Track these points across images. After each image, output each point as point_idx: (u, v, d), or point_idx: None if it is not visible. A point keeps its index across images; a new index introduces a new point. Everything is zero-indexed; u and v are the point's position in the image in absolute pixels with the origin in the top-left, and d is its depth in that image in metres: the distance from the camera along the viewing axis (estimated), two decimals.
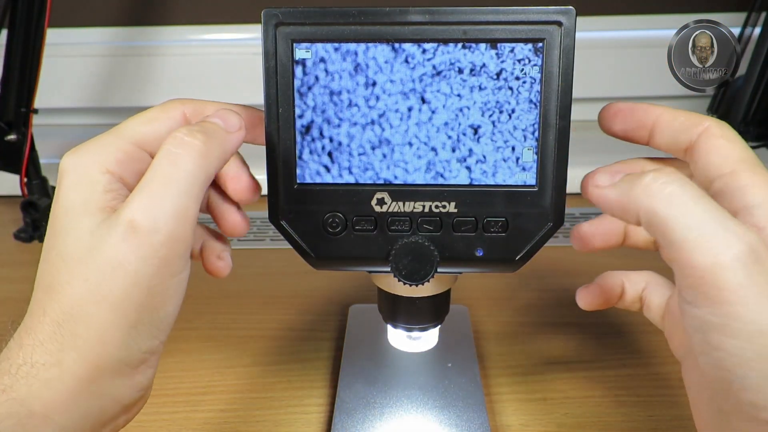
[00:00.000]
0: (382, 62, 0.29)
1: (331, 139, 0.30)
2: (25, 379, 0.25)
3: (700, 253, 0.22)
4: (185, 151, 0.26)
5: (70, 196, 0.27)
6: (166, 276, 0.26)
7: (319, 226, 0.31)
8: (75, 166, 0.28)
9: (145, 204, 0.26)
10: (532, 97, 0.30)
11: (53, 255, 0.27)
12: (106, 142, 0.28)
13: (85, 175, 0.27)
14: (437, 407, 0.39)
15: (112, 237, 0.26)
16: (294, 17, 0.29)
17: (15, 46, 0.60)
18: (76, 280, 0.26)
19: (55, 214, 0.28)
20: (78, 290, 0.26)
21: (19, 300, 0.53)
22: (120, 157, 0.28)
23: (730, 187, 0.26)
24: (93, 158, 0.28)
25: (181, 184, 0.26)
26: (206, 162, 0.27)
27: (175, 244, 0.26)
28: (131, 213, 0.26)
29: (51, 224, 0.28)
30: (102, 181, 0.27)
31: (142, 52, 0.84)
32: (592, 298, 0.33)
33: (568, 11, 0.29)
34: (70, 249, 0.26)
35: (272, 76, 0.30)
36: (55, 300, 0.26)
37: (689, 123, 0.28)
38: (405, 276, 0.30)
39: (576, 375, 0.43)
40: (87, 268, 0.26)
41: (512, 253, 0.31)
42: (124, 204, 0.26)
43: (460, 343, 0.44)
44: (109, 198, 0.27)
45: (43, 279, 0.27)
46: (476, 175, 0.30)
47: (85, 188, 0.27)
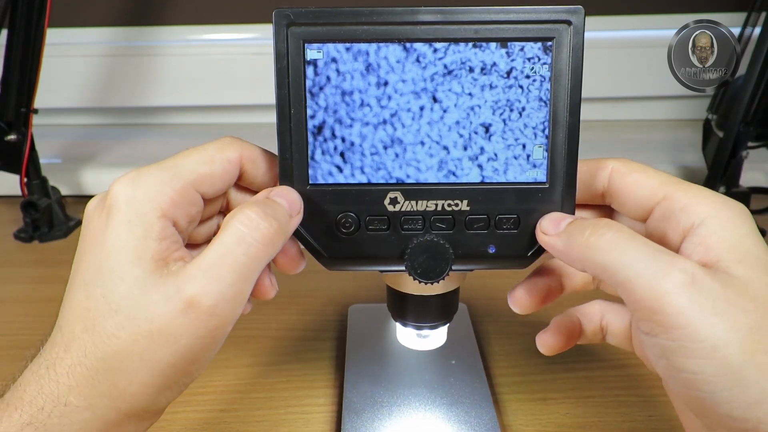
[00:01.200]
0: (394, 62, 0.29)
1: (343, 139, 0.30)
2: (58, 419, 0.26)
3: (643, 288, 0.24)
4: (256, 237, 0.27)
5: (122, 236, 0.27)
6: (211, 350, 0.28)
7: (331, 226, 0.31)
8: (130, 202, 0.28)
9: (211, 288, 0.26)
10: (542, 95, 0.30)
11: (98, 294, 0.27)
12: (163, 179, 0.28)
13: (140, 215, 0.27)
14: (445, 404, 0.39)
15: (170, 309, 0.26)
16: (305, 17, 0.29)
17: (15, 46, 0.60)
18: (125, 336, 0.26)
19: (103, 248, 0.27)
20: (125, 347, 0.26)
21: (20, 300, 0.53)
22: (175, 199, 0.28)
23: (670, 210, 0.27)
24: (149, 196, 0.28)
25: (246, 272, 0.27)
26: (272, 250, 0.28)
27: (227, 325, 0.27)
28: (193, 291, 0.26)
29: (97, 259, 0.27)
30: (157, 227, 0.27)
31: (142, 52, 0.84)
32: (553, 342, 0.33)
33: (577, 10, 0.29)
34: (118, 298, 0.26)
35: (284, 76, 0.30)
36: (99, 347, 0.26)
37: (593, 169, 0.30)
38: (420, 274, 0.30)
39: (576, 375, 0.43)
40: (138, 329, 0.26)
41: (524, 249, 0.31)
42: (186, 274, 0.26)
43: (462, 340, 0.45)
44: (163, 248, 0.27)
45: (85, 316, 0.27)
46: (488, 173, 0.30)
47: (139, 231, 0.27)
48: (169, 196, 0.28)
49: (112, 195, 0.28)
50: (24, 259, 0.62)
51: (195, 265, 0.27)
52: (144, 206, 0.27)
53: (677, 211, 0.27)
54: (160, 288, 0.26)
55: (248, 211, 0.27)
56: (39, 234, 0.65)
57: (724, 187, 0.63)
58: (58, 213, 0.67)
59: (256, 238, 0.27)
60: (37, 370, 0.27)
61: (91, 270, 0.27)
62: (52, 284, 0.57)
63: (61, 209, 0.68)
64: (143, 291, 0.26)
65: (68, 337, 0.27)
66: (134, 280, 0.26)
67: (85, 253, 0.28)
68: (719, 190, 0.64)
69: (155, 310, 0.26)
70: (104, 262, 0.27)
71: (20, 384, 0.28)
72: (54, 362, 0.27)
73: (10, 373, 0.45)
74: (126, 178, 0.28)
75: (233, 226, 0.27)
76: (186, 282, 0.26)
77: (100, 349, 0.26)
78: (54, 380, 0.27)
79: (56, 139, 0.84)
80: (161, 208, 0.28)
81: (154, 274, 0.27)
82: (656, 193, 0.28)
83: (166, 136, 0.88)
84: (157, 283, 0.26)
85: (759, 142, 0.63)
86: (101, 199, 0.29)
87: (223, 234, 0.27)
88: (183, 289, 0.26)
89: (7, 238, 0.65)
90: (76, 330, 0.27)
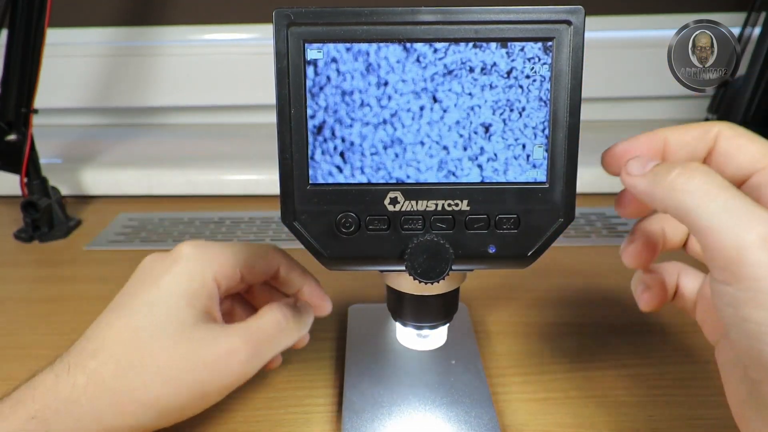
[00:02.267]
0: (394, 62, 0.29)
1: (343, 139, 0.30)
2: (64, 416, 0.31)
3: (726, 237, 0.24)
4: (287, 334, 0.36)
5: (182, 283, 0.34)
6: (216, 397, 0.35)
7: (332, 226, 0.31)
8: (196, 258, 0.35)
9: (246, 349, 0.34)
10: (542, 95, 0.30)
11: (149, 321, 0.32)
12: (225, 254, 0.36)
13: (200, 272, 0.34)
14: (445, 404, 0.39)
15: (209, 351, 0.32)
16: (306, 17, 0.29)
17: (15, 46, 0.60)
18: (164, 357, 0.32)
19: (160, 288, 0.33)
20: (160, 364, 0.32)
21: (20, 300, 0.53)
22: (227, 273, 0.36)
23: (767, 181, 0.28)
24: (210, 262, 0.35)
25: (271, 352, 0.36)
26: (293, 342, 0.38)
27: (239, 382, 0.34)
28: (233, 345, 0.33)
29: (151, 295, 0.33)
30: (210, 286, 0.35)
31: (142, 52, 0.84)
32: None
33: (577, 10, 0.29)
34: (171, 329, 0.32)
35: (284, 76, 0.30)
36: (134, 357, 0.32)
37: (700, 132, 0.30)
38: (420, 274, 0.30)
39: (576, 375, 0.43)
40: (177, 354, 0.32)
41: (524, 249, 0.31)
42: (230, 331, 0.34)
43: (462, 340, 0.45)
44: (209, 303, 0.34)
45: (130, 336, 0.32)
46: (488, 173, 0.30)
47: (196, 284, 0.34)
48: (224, 268, 0.35)
49: (180, 251, 0.35)
50: (24, 259, 0.62)
51: (239, 327, 0.34)
52: (205, 268, 0.35)
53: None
54: (205, 332, 0.33)
55: (288, 312, 0.37)
56: (39, 234, 0.65)
57: None
58: (58, 213, 0.67)
59: (287, 334, 0.36)
60: (54, 371, 0.32)
61: (144, 302, 0.33)
62: (52, 284, 0.57)
63: (62, 209, 0.67)
64: (192, 328, 0.32)
65: (98, 346, 0.32)
66: (186, 316, 0.33)
67: (138, 288, 0.34)
68: None
69: (197, 347, 0.32)
70: (160, 298, 0.33)
71: (32, 383, 0.31)
72: (77, 364, 0.31)
73: (10, 373, 0.45)
74: (194, 243, 0.36)
75: (275, 317, 0.36)
76: (229, 336, 0.33)
77: (136, 358, 0.31)
78: (71, 383, 0.31)
79: (56, 139, 0.84)
80: (216, 275, 0.35)
81: (201, 320, 0.33)
82: (759, 161, 0.28)
83: (166, 136, 0.88)
84: (202, 327, 0.33)
85: None
86: (165, 253, 0.36)
87: (264, 317, 0.35)
88: (224, 341, 0.33)
89: (7, 238, 0.65)
90: (112, 344, 0.32)
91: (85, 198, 0.75)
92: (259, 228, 0.67)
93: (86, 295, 0.54)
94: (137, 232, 0.66)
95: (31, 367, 0.41)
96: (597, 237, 0.64)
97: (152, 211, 0.71)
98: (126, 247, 0.63)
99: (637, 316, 0.49)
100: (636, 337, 0.47)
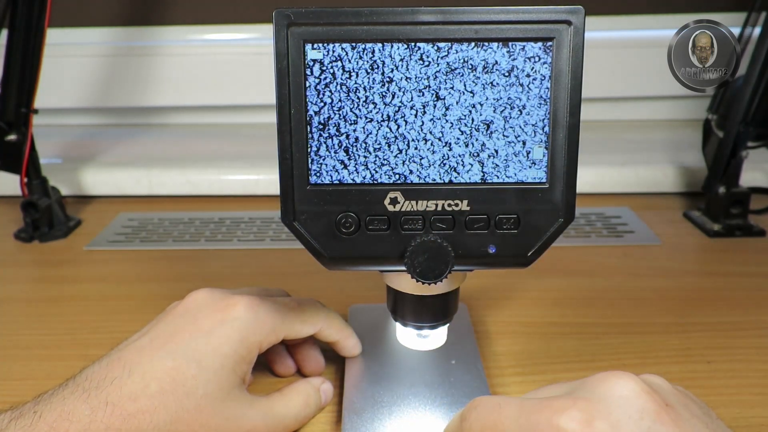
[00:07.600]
0: (398, 60, 0.30)
1: (343, 138, 0.30)
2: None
3: None
4: (309, 413, 0.38)
5: (233, 342, 0.34)
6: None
7: (332, 226, 0.31)
8: (249, 321, 0.35)
9: (270, 427, 0.36)
10: (542, 93, 0.30)
11: (190, 374, 0.33)
12: (274, 323, 0.37)
13: (249, 339, 0.35)
14: (445, 404, 0.39)
15: (236, 422, 0.34)
16: (306, 17, 0.29)
17: (15, 46, 0.60)
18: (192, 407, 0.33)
19: (209, 341, 0.34)
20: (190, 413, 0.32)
21: (20, 300, 0.53)
22: (273, 340, 0.37)
23: None
24: (262, 329, 0.36)
25: (294, 426, 0.37)
26: (312, 416, 0.39)
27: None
28: (258, 423, 0.35)
29: (198, 344, 0.34)
30: (254, 355, 0.36)
31: (142, 52, 0.84)
32: None
33: (577, 10, 0.29)
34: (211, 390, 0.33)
35: (284, 76, 0.30)
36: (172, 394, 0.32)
37: None
38: (420, 274, 0.30)
39: (576, 375, 0.43)
40: (206, 408, 0.33)
41: (524, 249, 0.31)
42: (260, 406, 0.35)
43: (462, 339, 0.44)
44: (246, 370, 0.36)
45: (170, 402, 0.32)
46: (489, 170, 0.31)
47: (245, 349, 0.35)
48: (270, 338, 0.36)
49: (235, 310, 0.35)
50: (24, 259, 0.62)
51: (264, 405, 0.36)
52: (256, 335, 0.35)
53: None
54: (237, 404, 0.34)
55: (312, 396, 0.38)
56: (39, 234, 0.65)
57: (724, 187, 0.63)
58: (58, 213, 0.67)
59: (305, 415, 0.38)
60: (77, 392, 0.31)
61: (193, 351, 0.34)
62: (52, 284, 0.57)
63: (62, 209, 0.67)
64: (227, 397, 0.34)
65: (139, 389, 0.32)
66: (226, 383, 0.34)
67: (184, 329, 0.34)
68: (719, 190, 0.64)
69: (226, 419, 0.33)
70: (208, 356, 0.34)
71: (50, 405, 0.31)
72: (114, 404, 0.31)
73: (10, 372, 0.45)
74: (249, 304, 0.36)
75: (299, 401, 0.37)
76: (253, 415, 0.35)
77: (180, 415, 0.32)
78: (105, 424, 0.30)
79: (56, 139, 0.84)
80: (262, 343, 0.36)
81: (237, 386, 0.34)
82: None
83: (166, 136, 0.88)
84: (236, 398, 0.34)
85: (759, 142, 0.63)
86: (218, 298, 0.36)
87: (290, 400, 0.37)
88: (248, 420, 0.34)
89: (7, 238, 0.65)
90: (157, 392, 0.32)
91: (85, 198, 0.75)
92: (259, 228, 0.67)
93: (86, 295, 0.54)
94: (137, 232, 0.66)
95: (31, 366, 0.41)
96: (597, 237, 0.64)
97: (152, 211, 0.71)
98: (126, 247, 0.63)
99: (637, 316, 0.49)
100: (636, 337, 0.47)
